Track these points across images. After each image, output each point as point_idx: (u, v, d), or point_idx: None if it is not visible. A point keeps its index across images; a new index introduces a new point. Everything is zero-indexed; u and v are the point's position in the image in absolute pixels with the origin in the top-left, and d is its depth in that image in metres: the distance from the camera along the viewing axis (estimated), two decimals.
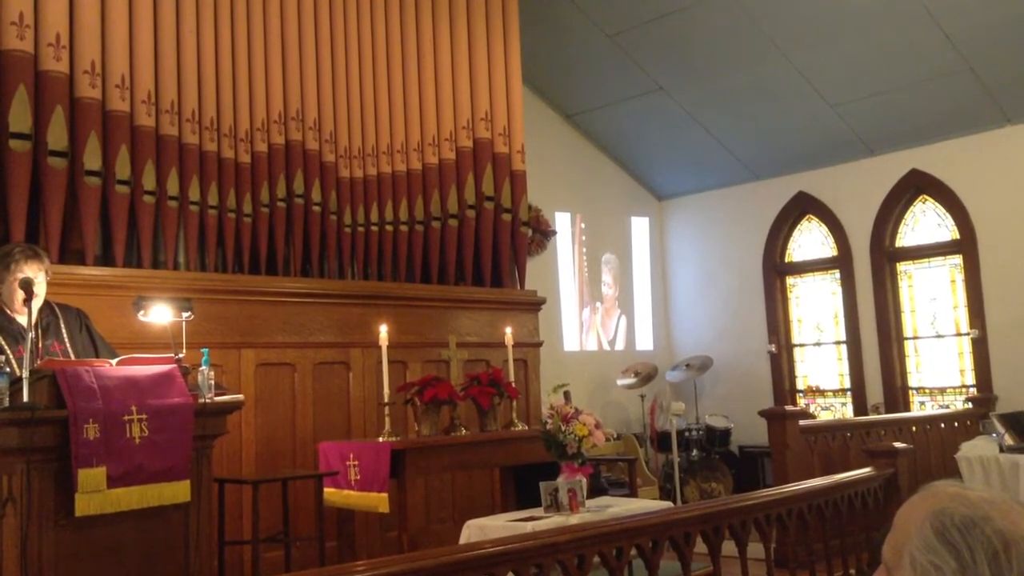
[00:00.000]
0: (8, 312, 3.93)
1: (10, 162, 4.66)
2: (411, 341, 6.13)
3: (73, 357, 3.92)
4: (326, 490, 4.74)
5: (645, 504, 4.60)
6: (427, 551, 3.04)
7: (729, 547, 3.79)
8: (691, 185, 9.88)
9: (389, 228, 6.36)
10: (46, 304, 4.05)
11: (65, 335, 4.03)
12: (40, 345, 3.90)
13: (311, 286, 5.85)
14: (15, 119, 4.70)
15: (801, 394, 9.26)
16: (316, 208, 5.95)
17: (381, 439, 4.74)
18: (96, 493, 3.35)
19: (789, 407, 6.97)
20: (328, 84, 6.12)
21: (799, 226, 9.38)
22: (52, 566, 3.35)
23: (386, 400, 4.90)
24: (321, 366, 5.80)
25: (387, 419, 4.87)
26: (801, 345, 9.35)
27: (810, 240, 9.32)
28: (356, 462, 4.62)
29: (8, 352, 3.75)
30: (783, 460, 6.00)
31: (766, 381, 9.25)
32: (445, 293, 6.54)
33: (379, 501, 4.48)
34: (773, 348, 9.18)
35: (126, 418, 3.45)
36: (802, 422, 6.23)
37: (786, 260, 9.45)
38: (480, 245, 6.80)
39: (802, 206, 9.25)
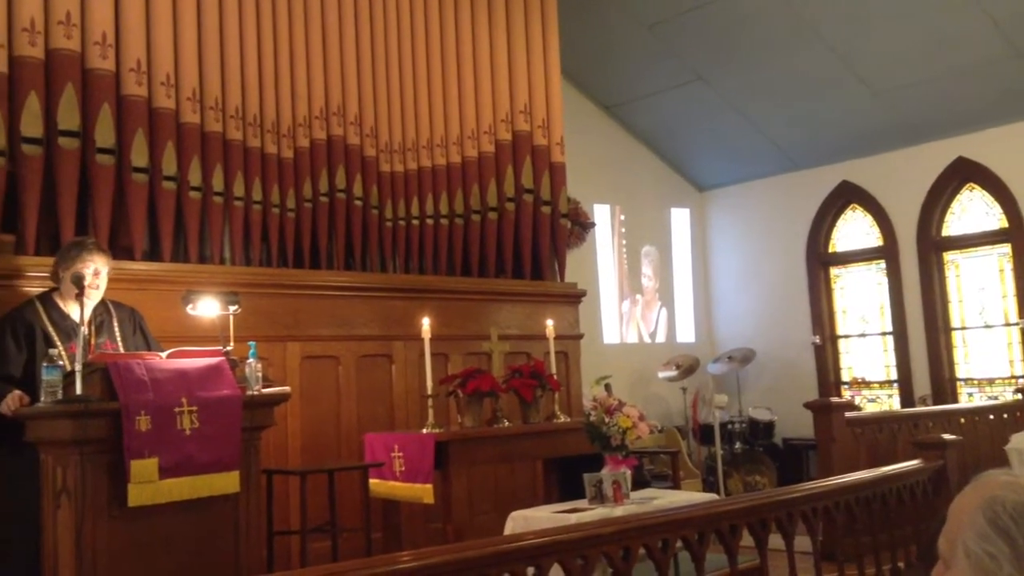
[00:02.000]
0: (63, 308, 4.00)
1: (59, 160, 4.75)
2: (452, 334, 6.15)
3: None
4: (371, 481, 4.78)
5: (690, 496, 4.58)
6: (473, 542, 3.05)
7: (775, 540, 3.76)
8: (732, 175, 9.79)
9: (430, 222, 6.38)
10: (101, 302, 4.13)
11: (118, 334, 4.11)
12: (92, 343, 3.97)
13: (354, 280, 5.90)
14: (63, 117, 4.78)
15: (846, 386, 9.15)
16: (358, 202, 5.99)
17: (425, 431, 4.77)
18: (148, 484, 3.41)
19: (835, 399, 6.88)
20: (368, 79, 6.15)
21: (843, 216, 9.27)
22: (106, 556, 3.41)
23: (429, 392, 4.92)
24: (364, 359, 5.84)
25: (430, 411, 4.89)
26: (846, 336, 9.24)
27: (854, 230, 9.19)
28: (401, 453, 4.65)
29: (60, 348, 3.83)
30: (829, 452, 5.94)
31: (810, 373, 9.16)
32: (485, 286, 6.55)
33: (424, 492, 4.50)
34: (817, 339, 9.08)
35: (177, 410, 3.51)
36: (848, 414, 6.15)
37: (830, 250, 9.34)
38: (519, 238, 6.80)
39: (846, 195, 9.12)
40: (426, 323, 5.06)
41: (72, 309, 3.92)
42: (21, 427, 3.60)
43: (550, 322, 5.61)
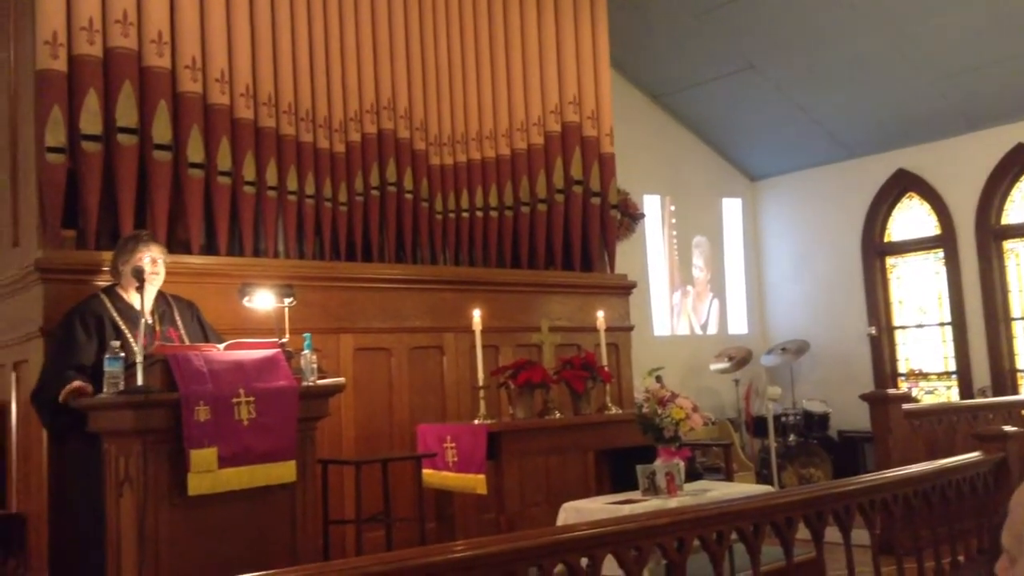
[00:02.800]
0: (127, 299, 4.12)
1: (118, 156, 4.84)
2: (502, 326, 6.16)
3: (188, 343, 4.08)
4: (425, 471, 4.81)
5: (745, 488, 4.54)
6: (527, 532, 3.05)
7: (832, 533, 3.71)
8: (785, 164, 9.66)
9: (479, 214, 6.39)
10: (161, 295, 4.25)
11: (180, 323, 4.22)
12: (157, 330, 4.09)
13: (405, 272, 5.94)
14: (122, 114, 4.87)
15: (903, 378, 9.00)
16: (408, 196, 6.02)
17: (477, 422, 4.79)
18: (207, 473, 3.48)
19: (892, 390, 6.77)
20: (418, 73, 6.18)
21: (899, 204, 9.10)
22: (168, 543, 3.49)
23: (480, 384, 4.94)
24: (416, 351, 5.87)
25: (482, 402, 4.91)
26: (903, 327, 9.07)
27: (911, 219, 9.02)
28: (453, 444, 4.68)
29: (128, 336, 3.92)
30: (886, 445, 5.85)
31: (866, 365, 9.02)
32: (535, 278, 6.55)
33: (476, 483, 4.52)
34: (873, 331, 8.92)
35: (234, 401, 3.57)
36: (905, 406, 6.05)
37: (886, 240, 9.18)
38: (569, 229, 6.79)
39: (902, 184, 8.96)
40: (477, 315, 5.08)
41: (135, 300, 4.02)
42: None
43: (601, 313, 5.59)
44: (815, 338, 9.16)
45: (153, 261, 4.10)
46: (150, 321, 4.09)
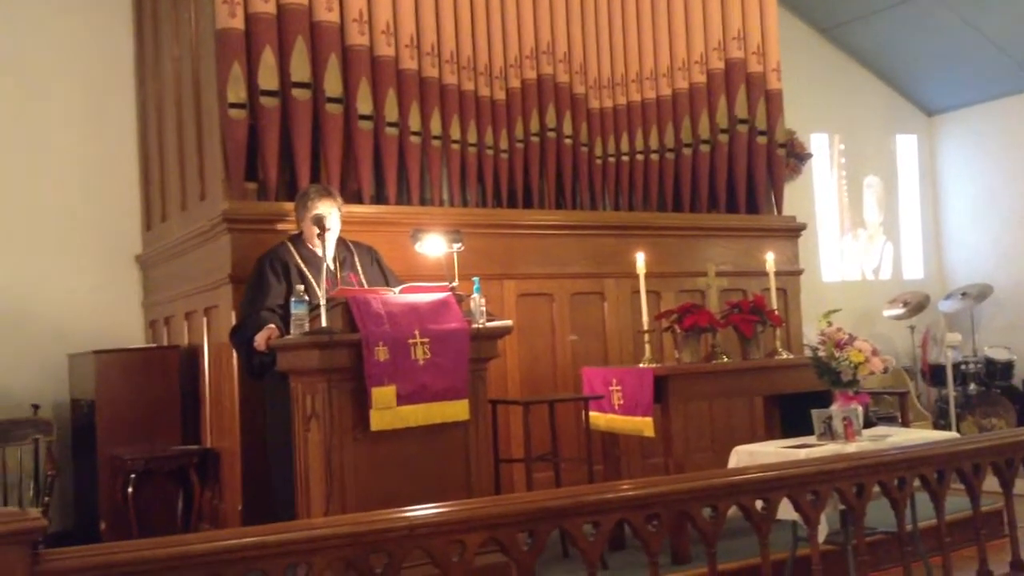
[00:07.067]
0: (311, 247, 4.35)
1: (294, 110, 5.04)
2: (664, 271, 6.07)
3: (367, 287, 4.27)
4: (591, 414, 4.85)
5: (927, 434, 4.34)
6: (702, 472, 3.05)
7: (1022, 485, 3.52)
8: (966, 97, 9.03)
9: (640, 157, 6.31)
10: (342, 241, 4.47)
11: (359, 268, 4.42)
12: (338, 276, 4.30)
13: (565, 218, 5.95)
14: (295, 69, 5.06)
15: None
16: (568, 141, 6.01)
17: (642, 365, 4.77)
18: (387, 410, 3.64)
19: None
20: (577, 15, 6.12)
21: None
22: (352, 475, 3.69)
23: (645, 327, 4.92)
24: (577, 296, 5.90)
25: (647, 346, 4.89)
26: None
27: None
28: (619, 387, 4.68)
29: (311, 280, 4.14)
30: None
31: None
32: (698, 221, 6.42)
33: (644, 425, 4.52)
34: None
35: (411, 341, 3.71)
36: None
37: None
38: (733, 170, 6.60)
39: None
40: (640, 259, 5.03)
41: (317, 247, 4.23)
42: None
43: (770, 255, 5.42)
44: (999, 282, 8.60)
45: (322, 217, 4.25)
46: (332, 267, 4.29)
